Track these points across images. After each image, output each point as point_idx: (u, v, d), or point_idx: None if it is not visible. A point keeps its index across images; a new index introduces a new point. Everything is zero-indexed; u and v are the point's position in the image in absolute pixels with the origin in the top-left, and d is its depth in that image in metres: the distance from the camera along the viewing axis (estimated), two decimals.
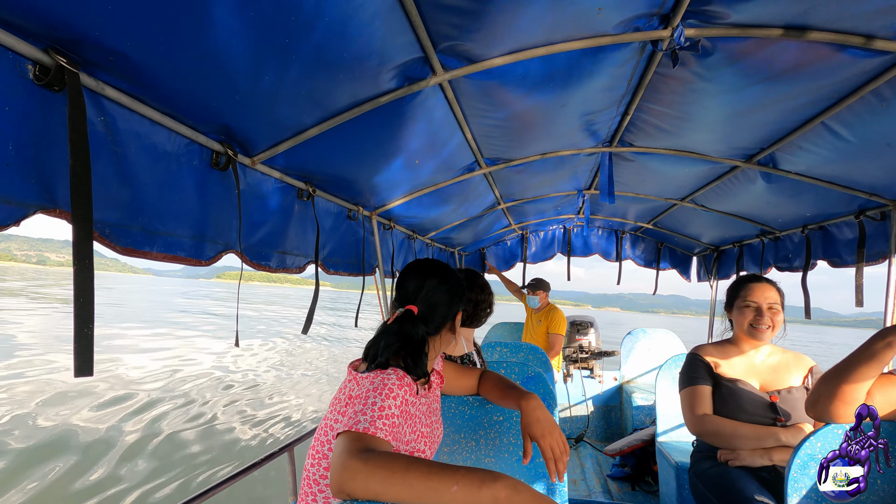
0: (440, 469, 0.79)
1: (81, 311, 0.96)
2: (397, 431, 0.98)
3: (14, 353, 11.34)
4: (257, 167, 1.65)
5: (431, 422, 1.22)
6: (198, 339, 16.39)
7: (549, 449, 1.16)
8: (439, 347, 1.22)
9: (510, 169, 2.72)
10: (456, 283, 1.21)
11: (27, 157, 0.95)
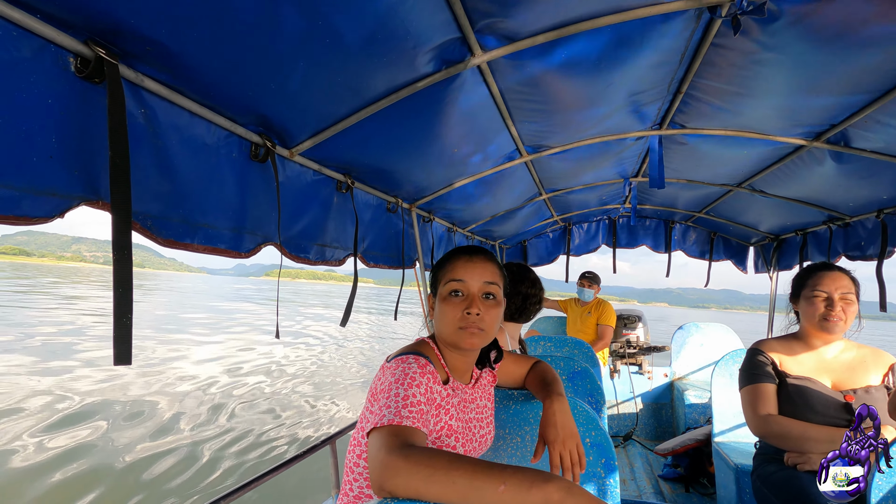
0: (486, 467, 0.75)
1: (120, 301, 0.97)
2: (426, 420, 0.95)
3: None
4: (295, 159, 1.65)
5: (469, 419, 1.15)
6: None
7: (558, 457, 1.03)
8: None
9: (552, 157, 2.62)
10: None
11: (70, 149, 0.96)
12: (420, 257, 2.76)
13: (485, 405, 1.23)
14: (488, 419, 1.22)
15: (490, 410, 1.24)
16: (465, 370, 1.18)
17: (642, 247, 4.93)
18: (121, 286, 0.95)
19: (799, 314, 1.84)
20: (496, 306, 1.09)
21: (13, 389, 7.86)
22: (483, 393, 1.24)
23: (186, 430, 6.51)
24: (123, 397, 7.88)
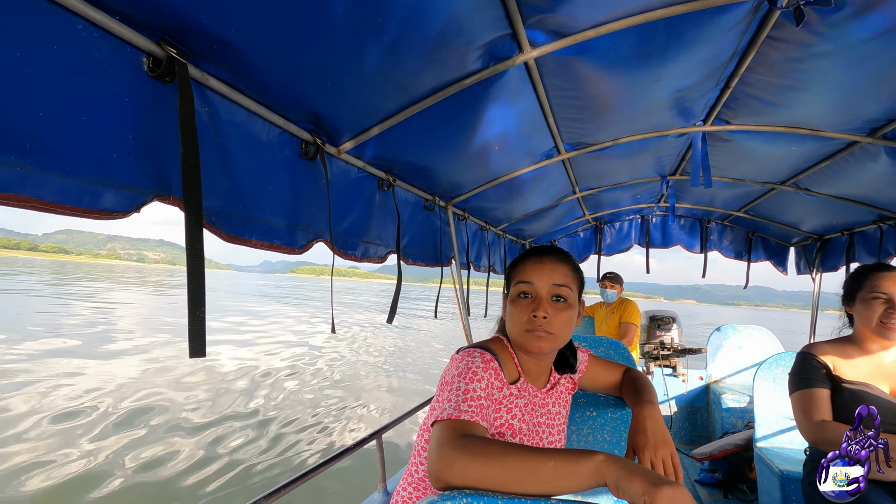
0: (536, 451, 0.79)
1: (194, 296, 1.00)
2: (486, 414, 0.96)
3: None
4: (342, 156, 1.67)
5: (538, 423, 1.12)
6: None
7: (649, 463, 0.99)
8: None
9: (589, 154, 2.59)
10: None
11: (144, 146, 1.00)
12: (456, 255, 2.77)
13: (558, 412, 1.18)
14: (560, 426, 1.18)
15: (563, 418, 1.19)
16: (539, 373, 1.15)
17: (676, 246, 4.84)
18: (194, 280, 0.98)
19: (853, 317, 1.77)
20: (567, 309, 1.05)
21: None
22: (558, 399, 1.19)
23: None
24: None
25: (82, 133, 0.88)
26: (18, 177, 0.78)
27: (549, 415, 1.15)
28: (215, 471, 5.08)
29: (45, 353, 10.32)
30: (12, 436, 5.57)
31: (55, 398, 7.12)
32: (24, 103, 0.78)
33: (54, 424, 6.06)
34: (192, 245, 1.01)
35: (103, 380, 8.37)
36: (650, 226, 4.74)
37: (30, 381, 7.91)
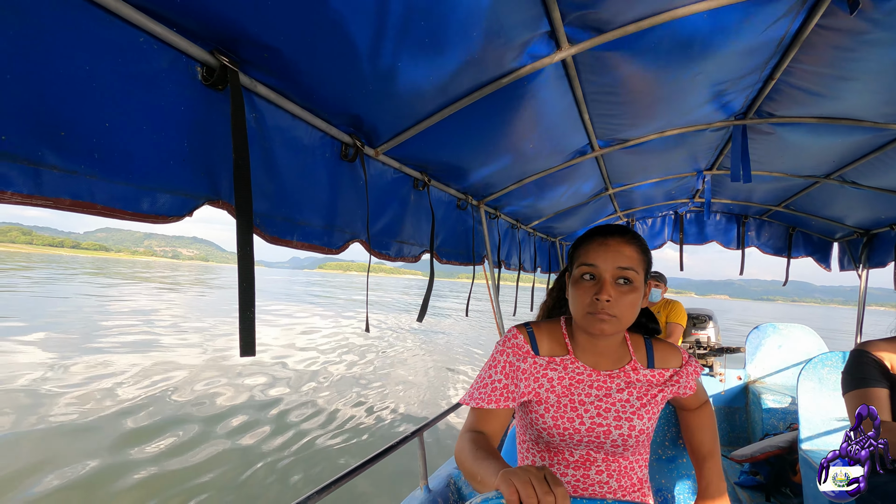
0: (480, 462, 0.89)
1: (244, 296, 1.03)
2: (504, 393, 1.06)
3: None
4: (380, 158, 1.69)
5: (580, 400, 1.08)
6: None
7: None
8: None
9: (623, 150, 2.55)
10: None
11: (198, 152, 1.03)
12: (489, 254, 2.77)
13: (625, 399, 1.09)
14: (617, 413, 1.08)
15: (631, 407, 1.09)
16: (600, 354, 1.12)
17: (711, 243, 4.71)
18: (245, 282, 1.01)
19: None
20: (632, 292, 1.01)
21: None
22: (630, 387, 1.11)
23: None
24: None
25: (143, 142, 0.92)
26: (88, 185, 0.82)
27: (607, 399, 1.09)
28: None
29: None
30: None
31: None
32: (92, 114, 0.82)
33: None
34: (243, 248, 1.04)
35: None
36: (684, 222, 4.63)
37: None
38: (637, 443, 1.11)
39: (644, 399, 1.11)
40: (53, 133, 0.77)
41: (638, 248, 1.05)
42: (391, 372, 10.10)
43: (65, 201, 0.79)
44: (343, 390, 8.34)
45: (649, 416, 1.10)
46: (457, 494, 1.61)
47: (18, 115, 0.73)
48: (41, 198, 0.76)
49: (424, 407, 7.66)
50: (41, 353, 9.82)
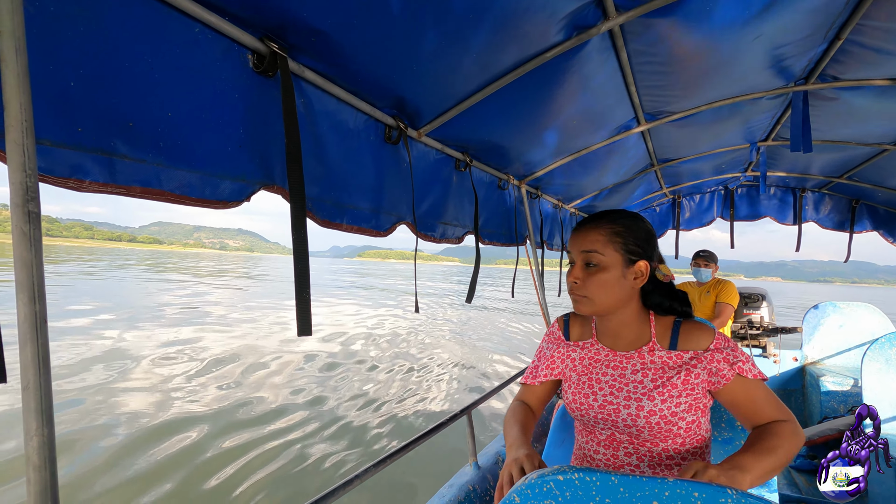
0: (510, 433, 1.12)
1: (300, 278, 1.06)
2: (544, 369, 1.25)
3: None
4: (422, 139, 1.70)
5: (597, 378, 1.13)
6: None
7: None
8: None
9: (671, 124, 2.45)
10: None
11: (252, 138, 1.06)
12: (531, 234, 2.74)
13: (638, 381, 1.09)
14: (628, 394, 1.09)
15: (643, 388, 1.08)
16: (616, 335, 1.14)
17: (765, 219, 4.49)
18: (300, 263, 1.05)
19: None
20: (598, 272, 1.08)
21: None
22: (645, 368, 1.10)
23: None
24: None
25: (202, 130, 0.95)
26: (155, 173, 0.87)
27: (621, 378, 1.10)
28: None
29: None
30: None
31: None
32: (156, 106, 0.86)
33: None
34: (297, 231, 1.07)
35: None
36: (735, 197, 4.42)
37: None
38: (658, 427, 1.05)
39: (658, 381, 1.07)
40: (123, 124, 0.81)
41: (607, 230, 1.09)
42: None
43: (135, 189, 0.83)
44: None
45: (664, 399, 1.05)
46: None
47: (92, 109, 0.77)
48: (115, 186, 0.80)
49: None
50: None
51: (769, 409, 1.03)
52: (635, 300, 1.13)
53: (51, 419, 0.57)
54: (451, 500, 1.36)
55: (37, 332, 0.56)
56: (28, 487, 0.55)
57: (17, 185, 0.56)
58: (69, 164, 0.74)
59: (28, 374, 0.56)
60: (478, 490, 1.47)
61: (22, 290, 0.55)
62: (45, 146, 0.70)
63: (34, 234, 0.57)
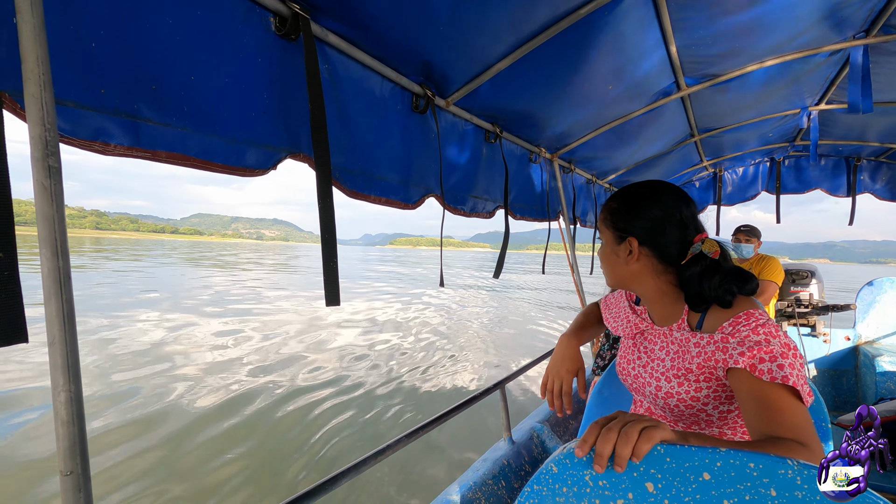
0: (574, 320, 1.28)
1: (327, 246, 1.04)
2: (613, 322, 1.22)
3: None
4: (450, 109, 1.64)
5: (637, 349, 1.11)
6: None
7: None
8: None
9: (714, 88, 2.30)
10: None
11: (276, 105, 1.04)
12: (563, 210, 2.66)
13: (660, 358, 1.03)
14: (653, 370, 1.04)
15: (662, 366, 1.02)
16: (654, 308, 1.09)
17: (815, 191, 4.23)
18: (327, 232, 1.03)
19: None
20: (602, 248, 1.11)
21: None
22: (667, 346, 1.03)
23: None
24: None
25: (225, 94, 0.93)
26: (181, 137, 0.85)
27: (651, 353, 1.07)
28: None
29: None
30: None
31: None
32: (178, 69, 0.84)
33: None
34: (323, 199, 1.05)
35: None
36: (781, 169, 4.17)
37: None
38: (679, 411, 0.98)
39: (676, 362, 0.99)
40: (145, 87, 0.80)
41: (606, 207, 1.08)
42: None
43: (161, 153, 0.82)
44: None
45: (680, 383, 0.97)
46: (541, 447, 1.60)
47: (114, 71, 0.76)
48: (140, 150, 0.79)
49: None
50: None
51: (784, 424, 0.78)
52: (657, 278, 1.01)
53: (77, 374, 0.57)
54: (485, 474, 1.34)
55: (60, 287, 0.55)
56: (57, 443, 0.56)
57: (36, 140, 0.55)
58: (93, 127, 0.73)
59: (53, 329, 0.55)
60: (512, 465, 1.45)
61: (45, 245, 0.54)
62: (67, 107, 0.69)
63: (55, 188, 0.56)
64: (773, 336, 0.86)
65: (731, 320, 0.90)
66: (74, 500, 0.57)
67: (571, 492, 0.76)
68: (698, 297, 0.96)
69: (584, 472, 0.75)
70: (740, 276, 0.95)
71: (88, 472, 0.58)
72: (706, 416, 0.98)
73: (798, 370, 0.83)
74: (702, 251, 0.96)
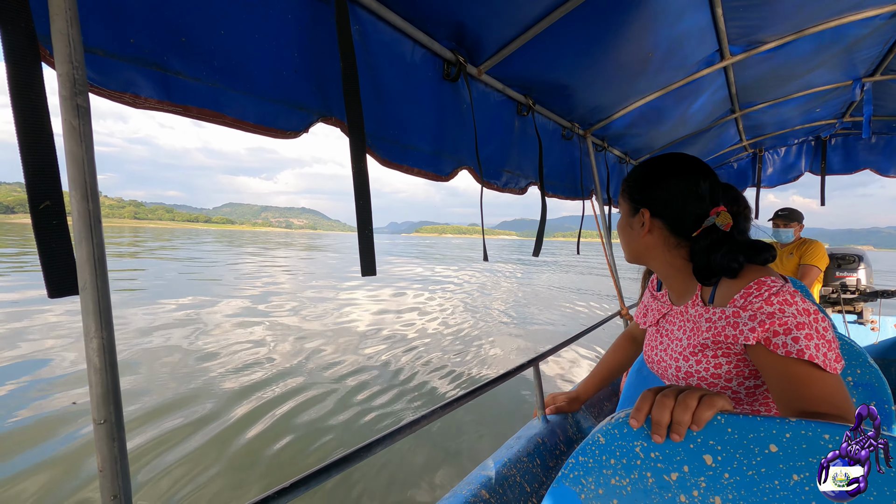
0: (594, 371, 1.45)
1: (362, 215, 1.01)
2: (638, 313, 1.24)
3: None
4: (482, 77, 1.58)
5: (658, 328, 1.10)
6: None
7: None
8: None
9: (760, 57, 2.17)
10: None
11: (308, 65, 1.00)
12: (597, 189, 2.57)
13: (678, 338, 0.99)
14: (673, 351, 1.00)
15: (679, 345, 0.98)
16: (671, 289, 1.06)
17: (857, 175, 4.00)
18: (361, 198, 0.99)
19: None
20: (620, 219, 1.09)
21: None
22: (683, 324, 1.00)
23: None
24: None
25: (256, 51, 0.90)
26: (212, 93, 0.83)
27: (670, 334, 1.03)
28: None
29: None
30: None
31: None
32: (207, 21, 0.81)
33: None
34: (357, 164, 1.01)
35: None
36: (827, 148, 3.95)
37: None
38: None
39: (692, 339, 0.95)
40: (175, 39, 0.77)
41: (624, 181, 1.07)
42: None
43: (192, 109, 0.80)
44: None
45: (698, 360, 0.92)
46: (576, 427, 1.55)
47: (143, 20, 0.73)
48: (171, 104, 0.77)
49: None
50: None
51: (813, 398, 0.73)
52: (670, 252, 0.98)
53: (109, 321, 0.55)
54: (519, 451, 1.30)
55: (91, 230, 0.53)
56: (90, 390, 0.54)
57: (64, 78, 0.53)
58: (123, 78, 0.71)
59: (84, 274, 0.53)
60: (547, 444, 1.41)
61: (75, 187, 0.52)
62: (97, 55, 0.67)
63: (84, 128, 0.53)
64: (789, 304, 0.79)
65: (741, 292, 0.85)
66: (108, 449, 0.56)
67: (620, 464, 0.72)
68: (705, 269, 0.92)
69: (633, 443, 0.70)
70: (751, 245, 0.90)
71: (122, 420, 0.56)
72: (732, 394, 0.92)
73: (819, 338, 0.76)
74: (714, 224, 0.91)
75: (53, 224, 0.52)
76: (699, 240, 0.92)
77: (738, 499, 0.63)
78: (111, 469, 0.56)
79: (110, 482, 0.56)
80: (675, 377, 0.97)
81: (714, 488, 0.64)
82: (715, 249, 0.90)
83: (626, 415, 0.70)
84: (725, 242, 0.89)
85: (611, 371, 1.45)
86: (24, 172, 0.51)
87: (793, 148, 4.12)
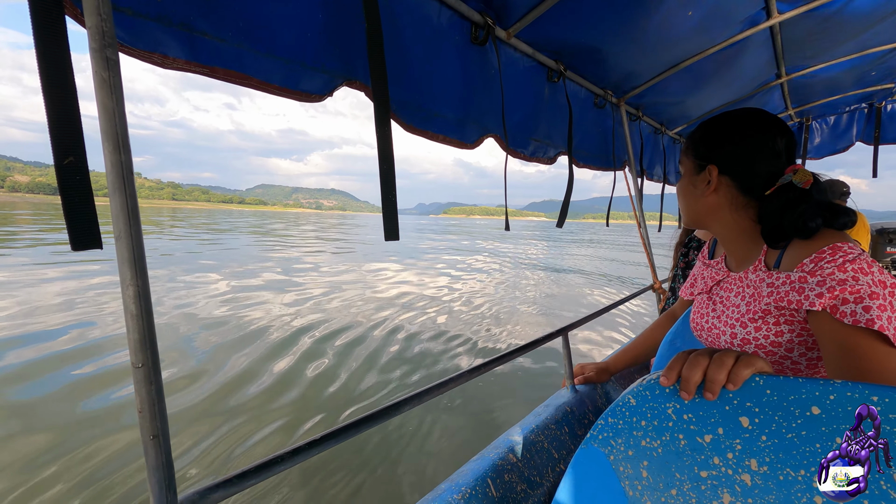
0: (635, 341, 1.44)
1: (385, 180, 1.00)
2: (685, 288, 1.23)
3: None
4: (511, 41, 1.54)
5: (711, 296, 1.06)
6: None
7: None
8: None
9: (811, 15, 2.03)
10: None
11: (332, 27, 0.99)
12: (631, 160, 2.49)
13: (735, 304, 0.95)
14: (728, 318, 0.96)
15: (737, 311, 0.94)
16: (728, 252, 1.02)
17: None
18: (384, 163, 0.98)
19: None
20: (680, 180, 1.05)
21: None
22: (742, 291, 0.95)
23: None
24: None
25: (281, 12, 0.89)
26: (237, 55, 0.83)
27: (726, 300, 0.99)
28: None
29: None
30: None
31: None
32: None
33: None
34: (381, 128, 1.00)
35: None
36: (882, 115, 3.70)
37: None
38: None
39: (752, 305, 0.90)
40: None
41: (688, 138, 1.02)
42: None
43: (219, 70, 0.80)
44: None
45: (758, 327, 0.88)
46: (605, 398, 1.54)
47: None
48: (198, 65, 0.77)
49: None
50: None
51: (872, 374, 0.69)
52: (736, 212, 0.93)
53: (143, 269, 0.57)
54: (548, 419, 1.30)
55: (124, 181, 0.54)
56: (128, 336, 0.56)
57: (93, 30, 0.53)
58: (152, 38, 0.72)
59: (119, 223, 0.55)
60: (576, 412, 1.40)
61: (107, 138, 0.53)
62: (125, 14, 0.68)
63: (114, 80, 0.54)
64: (864, 273, 0.74)
65: (813, 256, 0.80)
66: (146, 392, 0.58)
67: (651, 425, 0.70)
68: (777, 230, 0.86)
69: (666, 404, 0.69)
70: (831, 207, 0.83)
71: (158, 365, 0.59)
72: (791, 364, 0.87)
73: (893, 311, 0.71)
74: (791, 182, 0.84)
75: (76, 179, 0.54)
76: (772, 199, 0.86)
77: (776, 462, 0.61)
78: (150, 410, 0.59)
79: (149, 423, 0.59)
80: (730, 344, 0.93)
81: (750, 451, 0.62)
82: (790, 209, 0.84)
83: (658, 376, 0.68)
84: (803, 202, 0.83)
85: (646, 347, 1.40)
86: (49, 129, 0.52)
87: (843, 117, 3.88)
